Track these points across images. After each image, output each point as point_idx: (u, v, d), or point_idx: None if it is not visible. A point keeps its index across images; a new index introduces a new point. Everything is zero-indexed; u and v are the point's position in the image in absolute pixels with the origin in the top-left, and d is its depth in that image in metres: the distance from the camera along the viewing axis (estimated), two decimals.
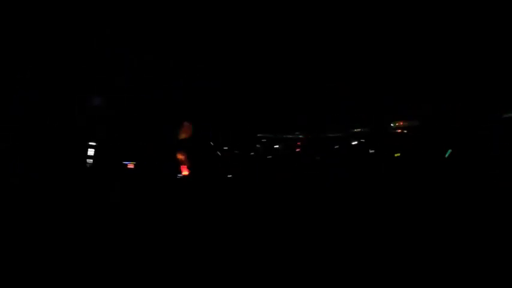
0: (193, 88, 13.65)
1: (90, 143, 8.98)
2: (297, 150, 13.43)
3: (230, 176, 9.46)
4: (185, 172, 8.77)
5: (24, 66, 10.66)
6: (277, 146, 15.29)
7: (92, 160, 9.09)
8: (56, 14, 10.06)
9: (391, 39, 12.03)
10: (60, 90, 11.40)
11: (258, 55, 13.23)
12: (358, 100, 13.51)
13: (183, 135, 8.04)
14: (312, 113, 15.36)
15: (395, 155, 13.01)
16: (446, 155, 11.16)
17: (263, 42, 12.75)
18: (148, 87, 12.98)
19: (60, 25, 10.28)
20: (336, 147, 13.18)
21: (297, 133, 15.93)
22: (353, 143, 13.20)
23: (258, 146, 14.58)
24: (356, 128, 14.59)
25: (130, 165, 8.18)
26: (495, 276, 2.75)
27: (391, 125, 13.10)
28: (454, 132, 11.74)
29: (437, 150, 11.14)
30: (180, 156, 8.73)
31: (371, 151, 11.91)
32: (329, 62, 13.05)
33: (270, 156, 13.66)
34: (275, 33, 12.49)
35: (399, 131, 12.57)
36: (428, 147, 11.59)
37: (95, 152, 9.17)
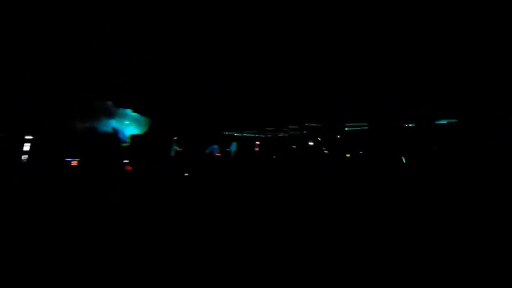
0: (193, 88, 13.67)
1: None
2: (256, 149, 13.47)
3: (229, 175, 9.47)
4: (128, 167, 8.71)
5: (24, 66, 10.66)
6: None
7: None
8: (56, 14, 10.06)
9: (391, 39, 12.05)
10: (60, 90, 11.40)
11: (258, 55, 13.25)
12: (358, 100, 13.53)
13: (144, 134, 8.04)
14: (312, 112, 15.38)
15: (347, 155, 13.23)
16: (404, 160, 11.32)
17: (263, 43, 12.76)
18: (148, 87, 13.00)
19: (60, 25, 10.28)
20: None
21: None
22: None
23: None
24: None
25: (74, 162, 8.04)
26: (495, 276, 2.75)
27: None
28: (454, 132, 11.76)
29: (437, 150, 11.14)
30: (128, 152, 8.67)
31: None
32: (329, 62, 13.07)
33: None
34: (275, 33, 12.50)
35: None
36: (427, 147, 11.59)
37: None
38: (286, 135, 16.24)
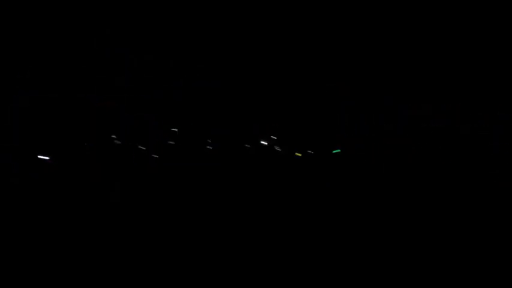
0: (193, 88, 13.67)
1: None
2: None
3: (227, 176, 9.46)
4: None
5: (24, 66, 10.66)
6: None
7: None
8: (56, 14, 10.06)
9: (391, 39, 12.03)
10: (60, 90, 11.39)
11: (258, 55, 13.24)
12: (358, 100, 13.52)
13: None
14: (312, 113, 15.36)
15: (298, 154, 13.14)
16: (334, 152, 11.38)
17: (263, 43, 12.75)
18: (148, 87, 12.99)
19: (60, 25, 10.28)
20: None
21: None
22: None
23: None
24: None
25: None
26: (495, 276, 2.74)
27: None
28: (454, 132, 11.75)
29: (437, 151, 11.13)
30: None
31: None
32: (329, 62, 13.06)
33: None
34: (275, 33, 12.48)
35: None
36: (427, 147, 11.58)
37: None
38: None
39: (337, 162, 11.68)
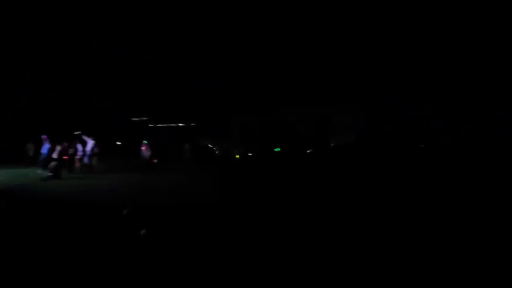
0: (193, 88, 13.67)
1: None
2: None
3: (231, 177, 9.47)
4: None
5: (24, 66, 10.67)
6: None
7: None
8: (56, 14, 10.08)
9: (391, 39, 12.04)
10: (60, 90, 11.38)
11: (258, 56, 13.24)
12: (358, 100, 13.52)
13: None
14: (312, 112, 15.36)
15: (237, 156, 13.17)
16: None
17: (263, 43, 12.76)
18: (148, 87, 13.00)
19: (60, 25, 10.29)
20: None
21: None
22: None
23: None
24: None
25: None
26: (495, 275, 2.75)
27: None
28: (454, 132, 11.75)
29: (437, 151, 11.14)
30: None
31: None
32: (329, 62, 13.06)
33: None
34: (275, 34, 12.49)
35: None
36: (427, 147, 11.58)
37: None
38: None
39: (337, 162, 11.67)
